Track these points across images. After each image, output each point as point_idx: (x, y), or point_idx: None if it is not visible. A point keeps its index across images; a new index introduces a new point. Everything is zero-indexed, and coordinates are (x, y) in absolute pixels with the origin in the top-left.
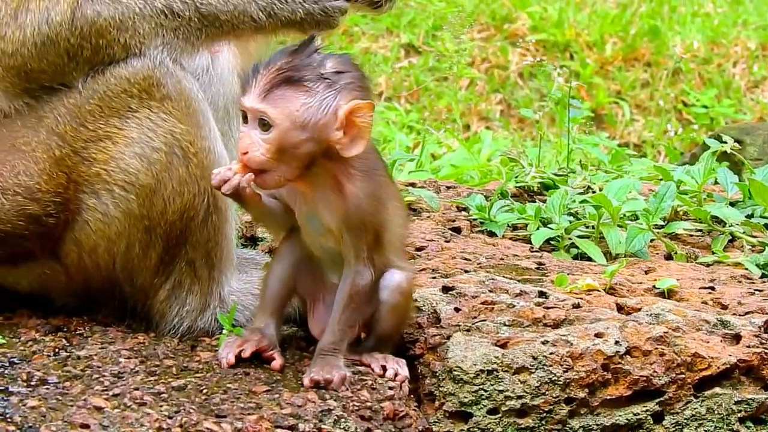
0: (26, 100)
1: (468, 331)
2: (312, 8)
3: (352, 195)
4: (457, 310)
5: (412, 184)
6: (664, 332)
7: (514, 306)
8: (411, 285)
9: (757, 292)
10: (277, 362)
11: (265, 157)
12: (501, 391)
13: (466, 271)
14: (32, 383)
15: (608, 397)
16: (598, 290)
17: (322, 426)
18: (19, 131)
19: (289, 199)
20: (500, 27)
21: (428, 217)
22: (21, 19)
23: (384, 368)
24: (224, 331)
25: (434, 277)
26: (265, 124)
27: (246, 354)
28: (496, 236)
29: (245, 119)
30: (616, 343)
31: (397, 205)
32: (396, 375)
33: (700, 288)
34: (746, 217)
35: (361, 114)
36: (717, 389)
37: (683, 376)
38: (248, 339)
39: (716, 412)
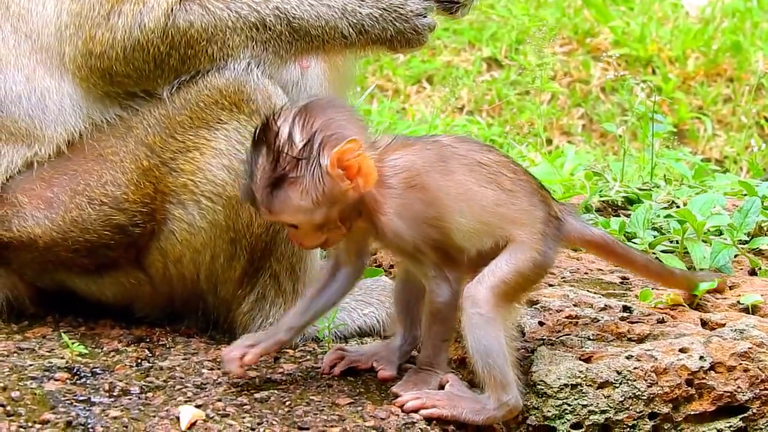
0: (118, 112)
1: (552, 345)
2: (403, 27)
3: (386, 225)
4: (541, 324)
5: None
6: (749, 348)
7: (598, 320)
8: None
9: None
10: (385, 373)
11: (311, 242)
12: (585, 406)
13: (550, 285)
14: (114, 394)
15: (692, 413)
16: (683, 305)
17: None
18: (107, 141)
19: None
20: (582, 41)
21: None
22: (113, 21)
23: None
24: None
25: None
26: (292, 225)
27: (336, 371)
28: (581, 250)
29: None
30: (701, 358)
31: (466, 196)
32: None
33: None
34: None
35: (347, 154)
36: None
37: (767, 392)
38: (348, 354)
39: None
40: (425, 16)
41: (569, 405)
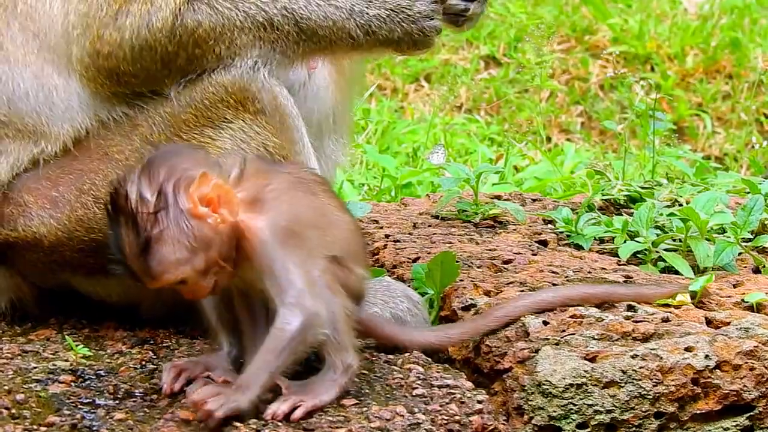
0: (125, 110)
1: (557, 344)
2: (410, 28)
3: (259, 240)
4: (545, 323)
5: (498, 197)
6: (754, 346)
7: (602, 320)
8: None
9: None
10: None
11: (203, 291)
12: (590, 405)
13: (554, 284)
14: (119, 396)
15: (698, 412)
16: (687, 304)
17: None
18: (112, 139)
19: None
20: (581, 39)
21: (514, 229)
22: (120, 21)
23: None
24: None
25: (522, 290)
26: (180, 282)
27: (177, 387)
28: (583, 249)
29: None
30: (706, 357)
31: (329, 219)
32: None
33: None
34: None
35: (203, 189)
36: None
37: None
38: (182, 367)
39: None
40: (432, 19)
41: (575, 405)
